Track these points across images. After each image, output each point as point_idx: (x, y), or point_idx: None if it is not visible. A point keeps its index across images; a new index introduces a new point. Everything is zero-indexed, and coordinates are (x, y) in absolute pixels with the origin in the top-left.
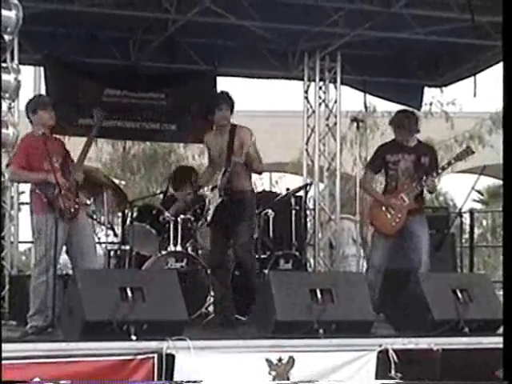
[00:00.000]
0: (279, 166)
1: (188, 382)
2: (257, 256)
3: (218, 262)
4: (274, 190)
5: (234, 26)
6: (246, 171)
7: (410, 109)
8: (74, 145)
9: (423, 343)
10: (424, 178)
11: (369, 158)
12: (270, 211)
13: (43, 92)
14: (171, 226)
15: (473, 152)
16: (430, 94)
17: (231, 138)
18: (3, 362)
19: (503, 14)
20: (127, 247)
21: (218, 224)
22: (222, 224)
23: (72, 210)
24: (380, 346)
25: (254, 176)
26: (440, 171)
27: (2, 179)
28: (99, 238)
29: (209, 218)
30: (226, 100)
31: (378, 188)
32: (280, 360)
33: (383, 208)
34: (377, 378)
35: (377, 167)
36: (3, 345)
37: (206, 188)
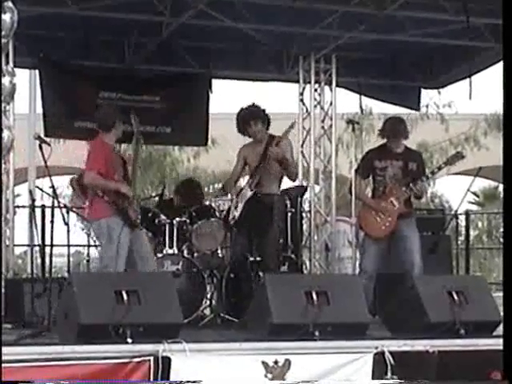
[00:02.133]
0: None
1: (188, 381)
2: (252, 258)
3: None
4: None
5: (229, 28)
6: (278, 175)
7: (399, 115)
8: (70, 148)
9: (419, 345)
10: (413, 183)
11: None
12: None
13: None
14: (167, 228)
15: (463, 157)
16: (426, 96)
17: (267, 146)
18: None
19: (503, 16)
20: None
21: (245, 222)
22: (246, 225)
23: (136, 220)
24: (376, 348)
25: None
26: (430, 175)
27: None
28: (94, 241)
29: (236, 215)
30: (256, 115)
31: (368, 193)
32: (276, 362)
33: (373, 212)
34: (373, 379)
35: (365, 173)
36: None
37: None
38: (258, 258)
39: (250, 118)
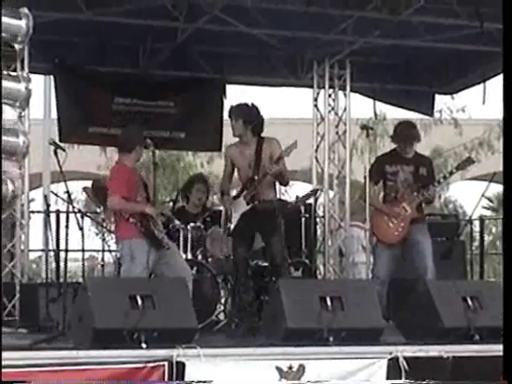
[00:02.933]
0: (288, 174)
1: (199, 381)
2: (265, 264)
3: (237, 269)
4: (283, 198)
5: (243, 33)
6: (272, 182)
7: (410, 120)
8: (84, 153)
9: (433, 351)
10: (424, 188)
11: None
12: None
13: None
14: (181, 234)
15: (473, 162)
16: (440, 101)
17: (259, 149)
18: (14, 369)
19: (503, 21)
20: None
21: (243, 232)
22: (247, 232)
23: (162, 239)
24: (390, 353)
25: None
26: (442, 180)
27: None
28: (109, 246)
29: (232, 226)
30: (239, 112)
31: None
32: (290, 368)
33: (385, 218)
34: None
35: (376, 178)
36: (13, 353)
37: (219, 196)
38: (265, 264)
39: (230, 114)
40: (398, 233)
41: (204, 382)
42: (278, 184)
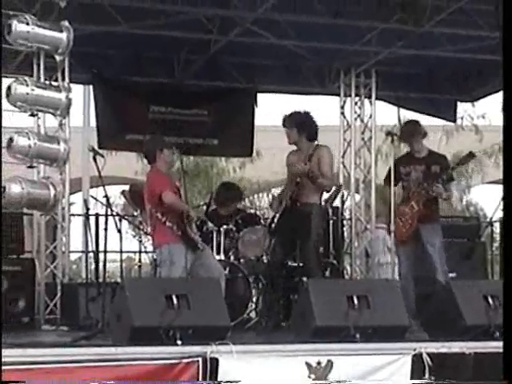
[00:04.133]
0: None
1: (227, 381)
2: (296, 264)
3: (272, 269)
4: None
5: (273, 45)
6: (315, 186)
7: (413, 118)
8: (121, 160)
9: (456, 347)
10: (429, 185)
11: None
12: None
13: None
14: (214, 236)
15: (474, 156)
16: (461, 108)
17: (310, 155)
18: (55, 365)
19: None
20: None
21: (282, 232)
22: (286, 233)
23: (198, 242)
24: (414, 349)
25: None
26: (445, 177)
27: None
28: (145, 248)
29: (276, 224)
30: (292, 120)
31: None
32: (319, 363)
33: (398, 218)
34: (412, 380)
35: (394, 180)
36: (55, 349)
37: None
38: (300, 264)
39: (284, 123)
40: (405, 230)
41: (232, 382)
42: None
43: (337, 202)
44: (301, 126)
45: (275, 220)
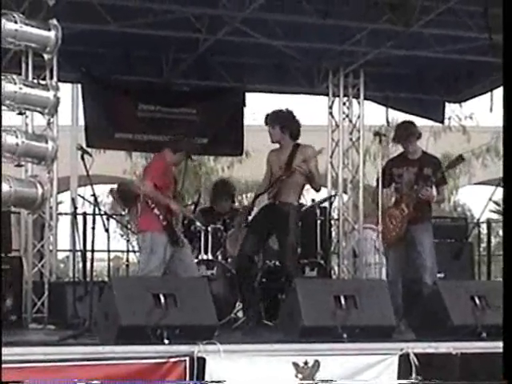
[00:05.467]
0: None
1: (214, 381)
2: (281, 264)
3: (240, 264)
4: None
5: (262, 45)
6: (298, 186)
7: (408, 119)
8: (109, 159)
9: (443, 347)
10: (418, 187)
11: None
12: None
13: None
14: (202, 235)
15: (463, 159)
16: (449, 108)
17: (293, 154)
18: (43, 364)
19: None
20: None
21: (256, 227)
22: (260, 228)
23: (180, 237)
24: (401, 349)
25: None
26: (434, 180)
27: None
28: (133, 247)
29: (250, 219)
30: (275, 119)
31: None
32: (306, 363)
33: (387, 219)
34: (399, 380)
35: (386, 181)
36: (42, 348)
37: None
38: (277, 263)
39: (267, 121)
40: (395, 233)
41: (219, 381)
42: (303, 190)
43: (324, 203)
44: (284, 124)
45: (252, 217)
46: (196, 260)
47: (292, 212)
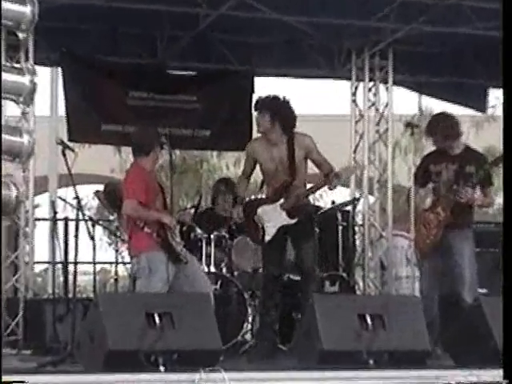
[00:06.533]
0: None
1: None
2: (299, 278)
3: (268, 283)
4: (317, 204)
5: (272, 20)
6: (303, 179)
7: (447, 111)
8: (95, 155)
9: (487, 375)
10: (457, 187)
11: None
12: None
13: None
14: (204, 244)
15: None
16: (493, 95)
17: (291, 149)
18: None
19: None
20: None
21: (277, 243)
22: (280, 242)
23: (181, 252)
24: (437, 378)
25: None
26: (477, 180)
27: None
28: (123, 258)
29: (267, 238)
30: (266, 105)
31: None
32: None
33: (421, 225)
34: None
35: (422, 180)
36: (16, 377)
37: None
38: (297, 278)
39: (256, 106)
40: (429, 241)
41: None
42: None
43: (347, 206)
44: (275, 112)
45: (267, 230)
46: None
47: (309, 214)
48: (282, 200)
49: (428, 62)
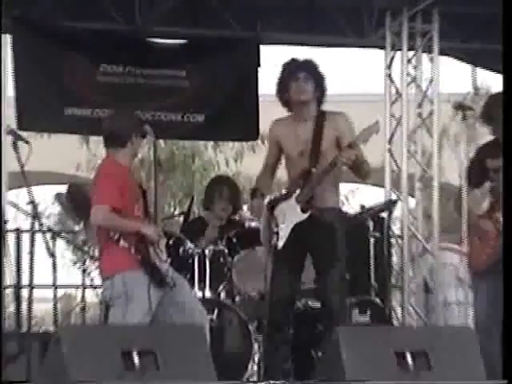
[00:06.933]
0: (351, 175)
1: None
2: (319, 304)
3: (278, 308)
4: (343, 208)
5: None
6: (336, 180)
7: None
8: (56, 147)
9: None
10: None
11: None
12: None
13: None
14: (196, 261)
15: None
16: None
17: (319, 128)
18: None
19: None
20: None
21: (291, 254)
22: (296, 255)
23: (167, 273)
24: None
25: None
26: None
27: None
28: (92, 280)
29: (280, 244)
30: (308, 68)
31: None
32: None
33: (476, 236)
34: None
35: (476, 178)
36: None
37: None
38: (317, 305)
39: (300, 69)
40: (486, 256)
41: None
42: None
43: (381, 211)
44: (318, 81)
45: (280, 234)
46: None
47: (338, 221)
48: (297, 191)
49: (483, 25)
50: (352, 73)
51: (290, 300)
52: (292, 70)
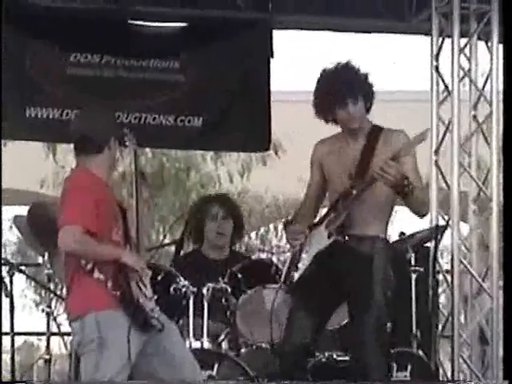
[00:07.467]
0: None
1: None
2: (347, 357)
3: (290, 359)
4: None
5: None
6: (381, 206)
7: None
8: (17, 156)
9: None
10: None
11: None
12: None
13: None
14: (191, 302)
15: None
16: None
17: (371, 144)
18: None
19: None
20: None
21: (310, 291)
22: (318, 292)
23: (152, 313)
24: None
25: None
26: None
27: None
28: (59, 325)
29: (296, 275)
30: (359, 85)
31: None
32: None
33: None
34: None
35: None
36: None
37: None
38: (345, 358)
39: (341, 91)
40: None
41: None
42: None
43: (426, 240)
44: (368, 95)
45: (301, 269)
46: None
47: (379, 253)
48: (330, 217)
49: None
50: (388, 65)
51: (306, 350)
52: (337, 91)
